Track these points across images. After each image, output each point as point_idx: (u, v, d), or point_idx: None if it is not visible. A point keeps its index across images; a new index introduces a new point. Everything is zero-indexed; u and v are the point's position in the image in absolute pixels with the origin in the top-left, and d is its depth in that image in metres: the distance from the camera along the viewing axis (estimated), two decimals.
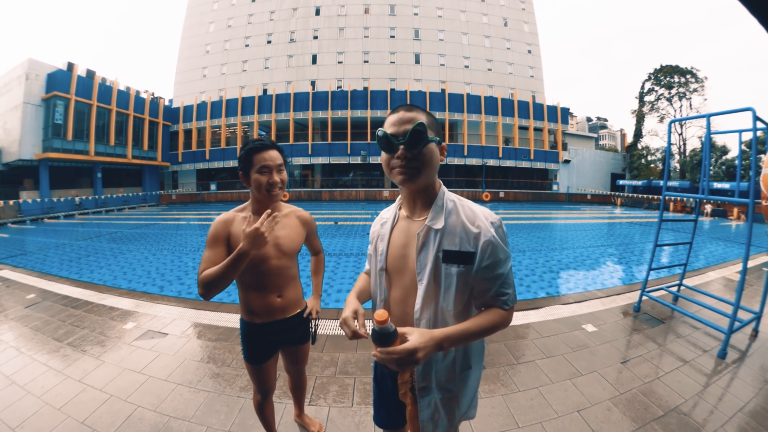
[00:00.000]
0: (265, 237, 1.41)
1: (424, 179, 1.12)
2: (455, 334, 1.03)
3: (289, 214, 1.85)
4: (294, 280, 1.86)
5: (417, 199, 1.19)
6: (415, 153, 1.08)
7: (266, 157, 1.61)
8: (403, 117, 1.10)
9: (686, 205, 22.80)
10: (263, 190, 1.63)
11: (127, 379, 2.91)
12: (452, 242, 1.09)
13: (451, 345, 1.03)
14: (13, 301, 4.86)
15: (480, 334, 1.07)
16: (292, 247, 1.78)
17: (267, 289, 1.75)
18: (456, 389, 1.20)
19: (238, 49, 36.10)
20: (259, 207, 1.72)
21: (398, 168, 1.10)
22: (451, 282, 1.09)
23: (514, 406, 2.49)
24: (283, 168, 1.69)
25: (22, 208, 19.80)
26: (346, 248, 9.64)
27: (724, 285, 5.25)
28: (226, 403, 2.59)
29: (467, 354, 1.19)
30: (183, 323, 4.00)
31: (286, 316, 1.83)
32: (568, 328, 3.74)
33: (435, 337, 0.99)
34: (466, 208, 1.14)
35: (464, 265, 1.09)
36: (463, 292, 1.11)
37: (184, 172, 33.23)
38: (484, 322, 1.08)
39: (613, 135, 72.31)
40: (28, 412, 2.52)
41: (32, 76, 22.17)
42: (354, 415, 2.47)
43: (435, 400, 1.19)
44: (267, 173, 1.61)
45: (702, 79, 32.09)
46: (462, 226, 1.10)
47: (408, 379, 1.24)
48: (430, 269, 1.10)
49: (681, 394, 2.61)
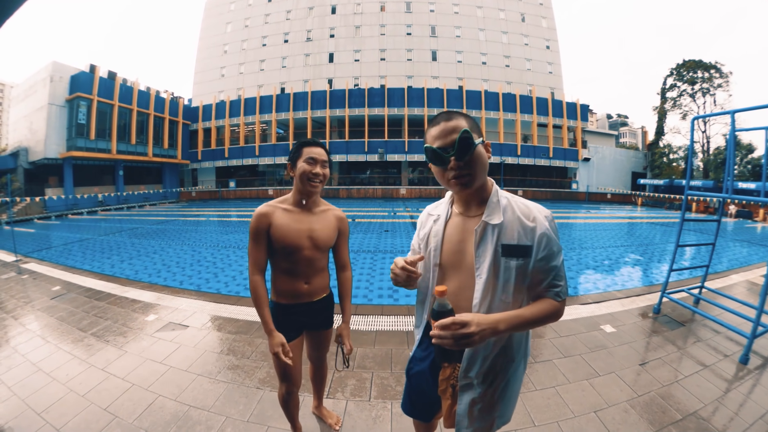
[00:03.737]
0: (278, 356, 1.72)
1: (478, 183, 1.16)
2: (510, 317, 1.06)
3: (327, 210, 1.92)
4: (323, 271, 1.93)
5: (471, 198, 1.22)
6: (467, 160, 1.10)
7: (314, 152, 1.75)
8: (446, 128, 1.12)
9: (710, 205, 22.13)
10: (305, 178, 1.74)
11: (149, 369, 2.99)
12: (510, 236, 1.12)
13: (507, 328, 1.06)
14: (40, 292, 5.04)
15: (534, 322, 1.10)
16: (325, 241, 1.86)
17: (297, 275, 1.84)
18: (496, 385, 1.22)
19: (256, 49, 36.49)
20: (299, 197, 1.82)
21: (454, 180, 1.13)
22: (510, 275, 1.12)
23: (531, 405, 2.47)
24: (327, 165, 1.79)
25: (47, 204, 20.55)
26: (363, 245, 9.69)
27: (747, 288, 5.07)
28: (245, 394, 2.64)
29: (510, 346, 1.21)
30: (203, 316, 4.09)
31: (312, 300, 1.91)
32: (587, 329, 3.69)
33: (491, 318, 1.03)
34: (520, 204, 1.18)
35: (522, 258, 1.12)
36: (521, 286, 1.14)
37: (204, 170, 33.81)
38: (538, 310, 1.10)
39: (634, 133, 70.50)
40: (54, 398, 2.61)
41: (56, 78, 22.88)
42: (372, 409, 2.48)
43: (475, 395, 1.21)
44: (312, 164, 1.74)
45: (727, 74, 30.97)
46: (518, 220, 1.13)
47: (450, 375, 1.26)
48: (489, 263, 1.13)
49: (700, 399, 2.54)
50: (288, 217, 1.79)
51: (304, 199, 1.82)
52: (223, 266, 7.73)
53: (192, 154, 33.05)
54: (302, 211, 1.83)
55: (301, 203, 1.83)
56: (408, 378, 1.46)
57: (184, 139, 32.49)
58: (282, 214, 1.78)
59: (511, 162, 30.43)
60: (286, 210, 1.81)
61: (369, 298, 5.68)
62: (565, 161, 31.45)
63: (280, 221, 1.76)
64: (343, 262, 2.03)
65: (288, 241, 1.76)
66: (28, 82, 24.66)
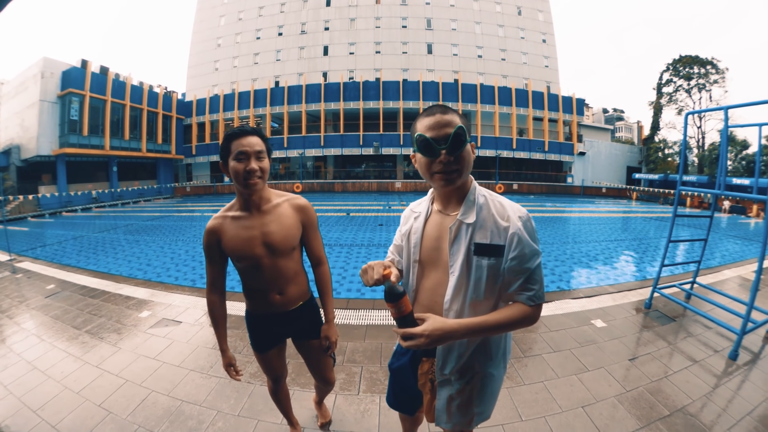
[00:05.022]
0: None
1: (462, 180, 1.17)
2: (471, 324, 1.07)
3: (281, 204, 1.65)
4: (296, 276, 1.73)
5: (452, 195, 1.23)
6: (457, 156, 1.11)
7: (244, 143, 1.46)
8: (441, 120, 1.12)
9: (703, 200, 22.23)
10: (240, 179, 1.48)
11: (142, 365, 3.01)
12: (483, 235, 1.13)
13: (465, 335, 1.08)
14: (34, 291, 5.03)
15: (498, 328, 1.10)
16: (284, 244, 1.62)
17: (266, 288, 1.66)
18: (474, 382, 1.24)
19: (250, 42, 36.15)
20: (243, 201, 1.59)
21: (440, 173, 1.13)
22: (482, 274, 1.13)
23: (519, 399, 2.50)
24: (264, 155, 1.51)
25: (40, 202, 20.36)
26: (358, 239, 9.71)
27: (739, 284, 5.11)
28: (236, 388, 2.68)
29: (487, 343, 1.23)
30: (196, 312, 4.10)
31: (287, 309, 1.73)
32: (577, 323, 3.72)
33: (447, 324, 1.06)
34: (497, 203, 1.18)
35: (495, 257, 1.13)
36: (493, 285, 1.15)
37: (198, 165, 33.61)
38: (504, 316, 1.11)
39: (630, 127, 70.62)
40: (49, 395, 2.63)
41: (47, 74, 22.52)
42: (360, 403, 2.51)
43: (452, 391, 1.24)
44: (244, 160, 1.46)
45: (723, 70, 30.95)
46: (493, 220, 1.14)
47: (428, 370, 1.30)
48: (462, 261, 1.15)
49: (689, 395, 2.57)
50: (236, 226, 1.57)
51: (248, 200, 1.58)
52: None
53: (186, 149, 32.81)
54: (251, 215, 1.59)
55: (247, 206, 1.59)
56: (391, 372, 1.50)
57: (178, 133, 32.21)
58: (230, 225, 1.57)
59: (507, 156, 30.41)
60: (234, 218, 1.58)
61: (362, 292, 5.70)
62: (561, 155, 31.49)
63: (228, 233, 1.56)
64: (317, 257, 1.79)
65: (241, 253, 1.57)
66: (19, 79, 24.27)
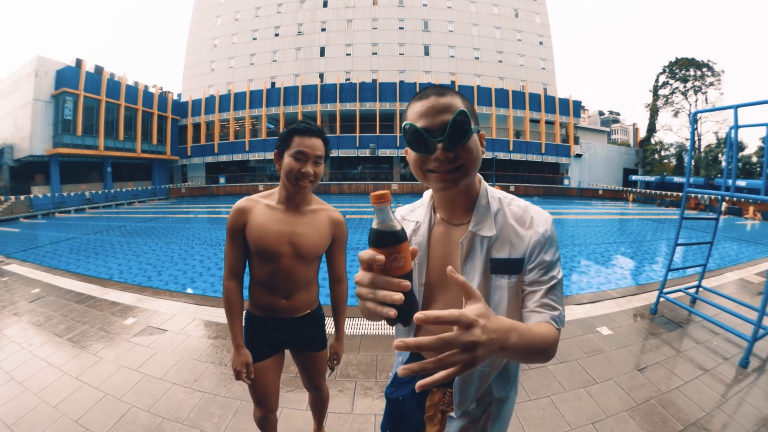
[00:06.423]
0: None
1: (467, 181, 0.89)
2: (523, 329, 0.71)
3: (318, 210, 1.61)
4: (308, 286, 1.64)
5: (457, 200, 0.96)
6: (458, 151, 0.83)
7: (307, 144, 1.42)
8: (436, 105, 0.83)
9: (700, 202, 22.28)
10: (292, 178, 1.45)
11: (123, 377, 2.85)
12: (501, 249, 0.90)
13: (517, 342, 0.67)
14: (19, 295, 4.85)
15: (539, 343, 0.76)
16: (310, 249, 1.56)
17: (275, 289, 1.58)
18: (491, 409, 1.01)
19: (246, 43, 35.97)
20: (285, 195, 1.54)
21: (437, 173, 0.85)
22: (502, 296, 0.89)
23: (525, 417, 2.34)
24: (321, 161, 1.48)
25: (33, 203, 20.07)
26: (353, 242, 9.55)
27: (742, 287, 5.00)
28: (221, 405, 2.50)
29: (507, 367, 0.99)
30: (183, 319, 3.93)
31: (293, 317, 1.64)
32: (582, 331, 3.58)
33: (504, 323, 0.65)
34: (514, 207, 0.94)
35: (516, 275, 0.89)
36: (515, 310, 0.91)
37: (193, 166, 33.39)
38: (542, 332, 0.79)
39: (626, 129, 71.01)
40: (25, 408, 2.49)
41: (41, 73, 22.28)
42: (353, 422, 2.34)
43: (465, 422, 1.00)
44: (302, 161, 1.43)
45: (719, 72, 31.27)
46: (511, 228, 0.91)
47: (439, 401, 1.03)
48: (479, 282, 0.90)
49: (702, 407, 2.43)
50: (268, 215, 1.52)
51: (291, 197, 1.54)
52: (210, 264, 7.56)
53: (181, 150, 32.56)
54: (287, 210, 1.54)
55: (288, 201, 1.55)
56: (388, 401, 1.22)
57: (174, 134, 31.97)
58: (262, 211, 1.52)
59: (503, 157, 30.38)
60: (268, 206, 1.54)
61: (356, 298, 5.53)
62: (557, 157, 31.50)
63: (258, 219, 1.50)
64: (338, 274, 1.72)
65: (264, 244, 1.49)
66: (12, 78, 24.00)
